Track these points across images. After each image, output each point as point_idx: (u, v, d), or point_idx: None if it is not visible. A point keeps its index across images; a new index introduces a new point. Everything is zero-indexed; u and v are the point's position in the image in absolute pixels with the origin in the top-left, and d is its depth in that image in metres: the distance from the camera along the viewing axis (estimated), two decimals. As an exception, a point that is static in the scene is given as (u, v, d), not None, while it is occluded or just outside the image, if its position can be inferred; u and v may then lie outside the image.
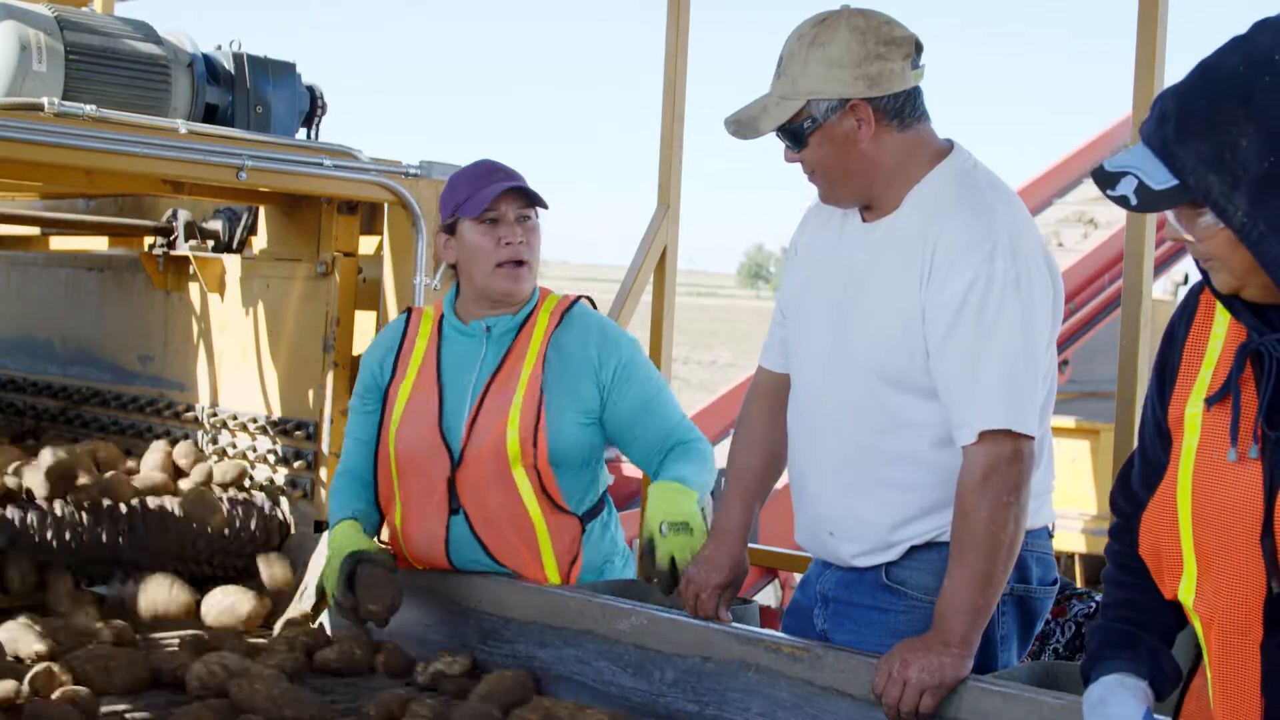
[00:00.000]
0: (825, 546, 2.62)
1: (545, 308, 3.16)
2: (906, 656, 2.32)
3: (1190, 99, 1.70)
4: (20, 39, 3.72)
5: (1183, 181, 1.69)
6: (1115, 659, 1.95)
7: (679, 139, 5.11)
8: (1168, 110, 1.71)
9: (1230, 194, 1.66)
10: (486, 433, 3.04)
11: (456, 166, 3.96)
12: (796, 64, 2.48)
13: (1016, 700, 2.26)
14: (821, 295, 2.60)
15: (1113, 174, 1.73)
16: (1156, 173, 1.70)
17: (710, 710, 2.64)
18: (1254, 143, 1.65)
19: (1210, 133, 1.67)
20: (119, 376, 4.65)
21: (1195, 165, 1.68)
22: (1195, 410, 1.83)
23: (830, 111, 2.46)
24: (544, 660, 2.94)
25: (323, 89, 4.31)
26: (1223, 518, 1.78)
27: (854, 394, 2.52)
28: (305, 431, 4.00)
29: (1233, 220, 1.67)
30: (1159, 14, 3.98)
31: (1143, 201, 1.72)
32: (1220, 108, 1.67)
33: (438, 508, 3.09)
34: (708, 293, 79.00)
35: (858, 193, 2.54)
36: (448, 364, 3.14)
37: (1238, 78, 1.67)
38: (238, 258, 4.34)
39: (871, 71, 2.45)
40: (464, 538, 3.08)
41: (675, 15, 5.04)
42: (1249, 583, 1.77)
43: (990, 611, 2.37)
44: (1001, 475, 2.36)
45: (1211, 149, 1.67)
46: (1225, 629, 1.81)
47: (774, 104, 2.50)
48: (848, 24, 2.46)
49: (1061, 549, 7.63)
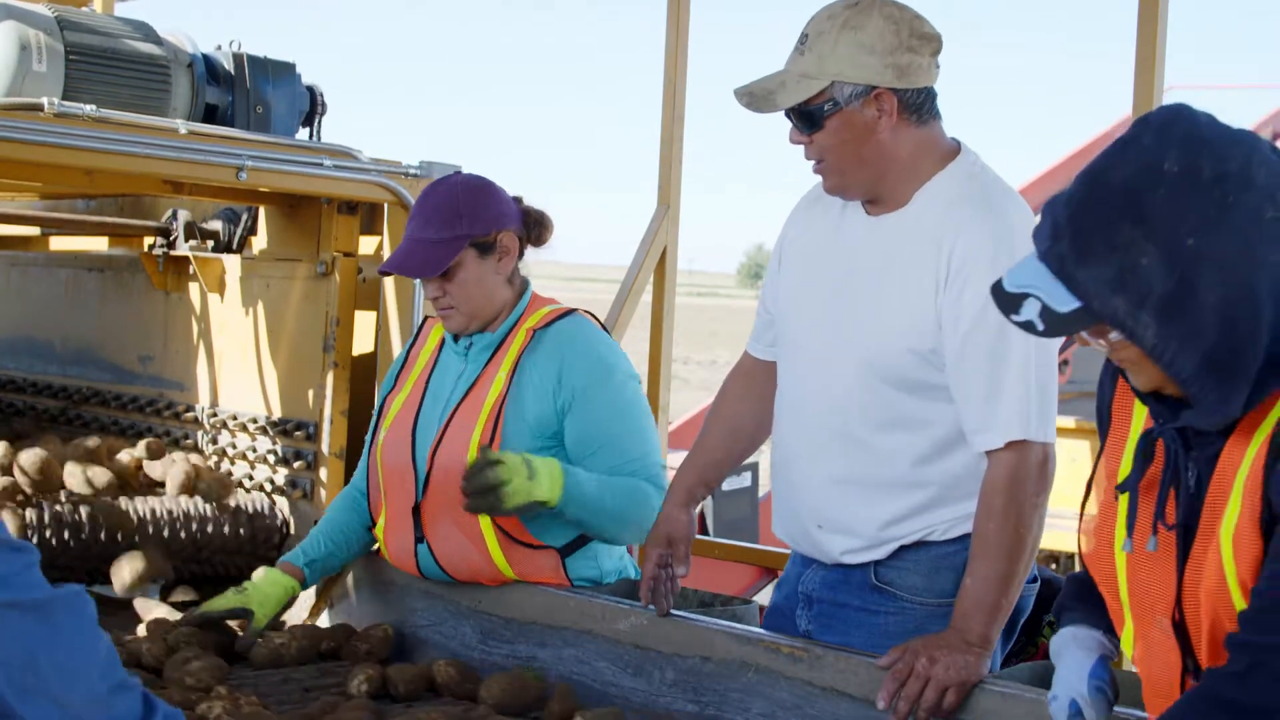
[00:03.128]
0: (811, 540, 2.60)
1: (526, 324, 3.04)
2: (933, 653, 2.30)
3: (1083, 218, 1.67)
4: (20, 39, 3.71)
5: (1087, 305, 1.67)
6: (1074, 610, 2.01)
7: (679, 139, 5.11)
8: (1060, 227, 1.68)
9: (1137, 314, 1.65)
10: (446, 459, 2.98)
11: (457, 167, 3.97)
12: (825, 43, 2.43)
13: (1016, 700, 2.26)
14: (819, 286, 2.59)
15: (1014, 296, 1.70)
16: (1058, 295, 1.68)
17: (710, 710, 2.64)
18: (1155, 262, 1.63)
19: (1110, 256, 1.65)
20: (119, 376, 4.64)
21: (1098, 289, 1.66)
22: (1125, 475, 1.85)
23: (854, 97, 2.43)
24: (544, 660, 2.94)
25: (323, 89, 4.30)
26: (1146, 591, 1.82)
27: (852, 388, 2.51)
28: (305, 432, 4.00)
29: (1143, 342, 1.66)
30: (1159, 14, 3.98)
31: (1049, 326, 1.69)
32: (1116, 229, 1.64)
33: (407, 531, 3.08)
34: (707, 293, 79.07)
35: (866, 184, 2.51)
36: (435, 380, 3.12)
37: (1130, 195, 1.65)
38: (238, 258, 4.33)
39: (901, 62, 2.42)
40: (430, 565, 3.08)
41: (675, 15, 5.04)
42: (1170, 656, 1.82)
43: (1009, 611, 2.39)
44: (1032, 479, 2.38)
45: (1113, 272, 1.64)
46: (1154, 692, 1.88)
47: (794, 80, 2.44)
48: (881, 11, 2.43)
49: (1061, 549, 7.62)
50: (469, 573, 3.06)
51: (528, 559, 3.01)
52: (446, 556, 3.05)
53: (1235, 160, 1.64)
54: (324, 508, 3.91)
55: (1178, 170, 1.64)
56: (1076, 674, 1.96)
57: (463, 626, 3.12)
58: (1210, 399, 1.67)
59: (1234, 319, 1.63)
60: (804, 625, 2.64)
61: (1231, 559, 1.70)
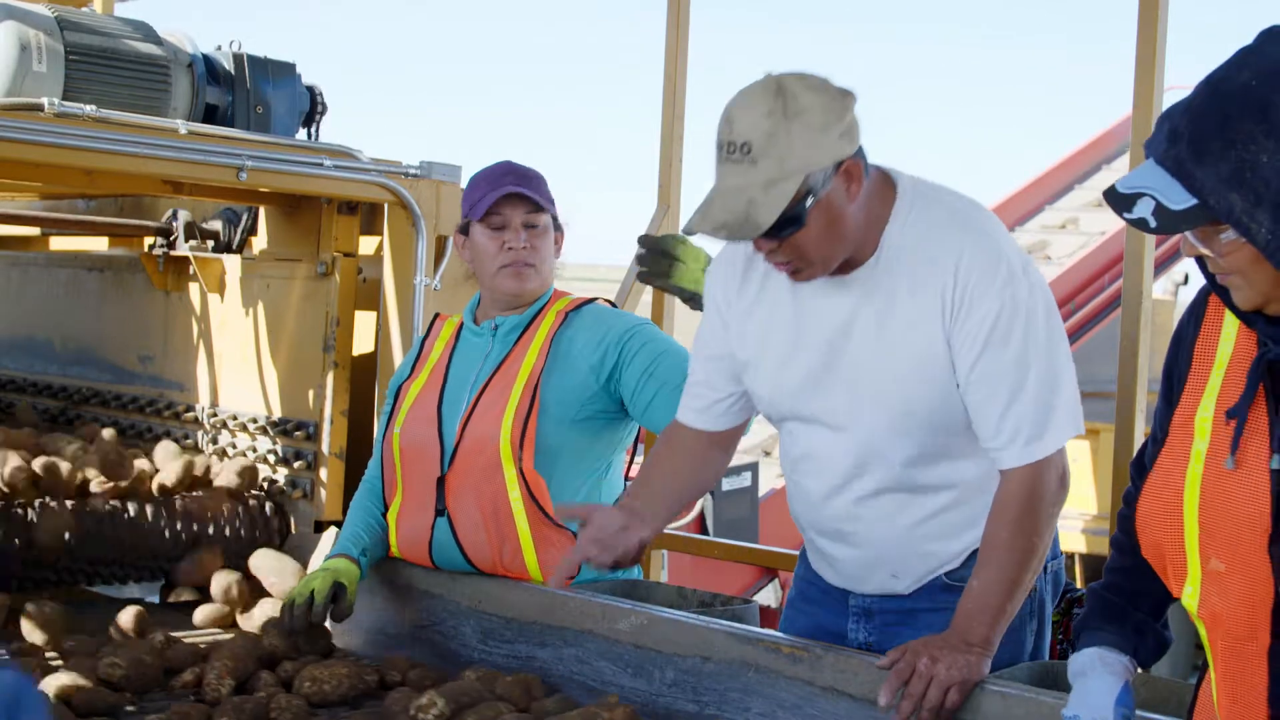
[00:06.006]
0: (881, 583, 2.59)
1: (555, 307, 3.15)
2: (934, 653, 2.30)
3: (1203, 117, 1.67)
4: (20, 39, 3.72)
5: (1203, 201, 1.66)
6: (1101, 630, 1.99)
7: (679, 139, 5.10)
8: (1179, 129, 1.68)
9: (1254, 212, 1.64)
10: (479, 430, 3.04)
11: (456, 167, 3.98)
12: (778, 142, 2.28)
13: (1016, 700, 2.26)
14: (804, 360, 2.50)
15: (1128, 196, 1.70)
16: (1174, 193, 1.68)
17: (710, 710, 2.64)
18: (1275, 159, 1.63)
19: (1228, 151, 1.64)
20: (119, 376, 4.65)
21: (1215, 185, 1.65)
22: (1206, 415, 1.82)
23: (827, 180, 2.32)
24: (544, 660, 2.94)
25: (323, 89, 4.31)
26: (1231, 524, 1.78)
27: (887, 435, 2.46)
28: (305, 432, 4.00)
29: (1258, 238, 1.65)
30: (1159, 14, 3.98)
31: (1162, 223, 1.68)
32: (1237, 125, 1.65)
33: (426, 507, 3.10)
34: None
35: (842, 258, 2.42)
36: (456, 363, 3.17)
37: (1251, 93, 1.65)
38: (238, 258, 4.34)
39: (847, 125, 2.33)
40: (446, 541, 3.09)
41: (675, 15, 5.04)
42: (1256, 589, 1.77)
43: (1013, 615, 2.38)
44: (1050, 491, 2.38)
45: (1231, 168, 1.64)
46: (1231, 635, 1.81)
47: (762, 194, 2.28)
48: (805, 86, 2.31)
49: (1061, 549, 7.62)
50: (485, 546, 3.06)
51: (546, 538, 3.03)
52: (465, 529, 3.06)
53: None
54: (324, 508, 3.92)
55: None
56: (1101, 698, 1.95)
57: (463, 626, 3.12)
58: None
59: None
60: (862, 638, 2.61)
61: None
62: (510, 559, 3.06)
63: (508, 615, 3.04)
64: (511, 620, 3.03)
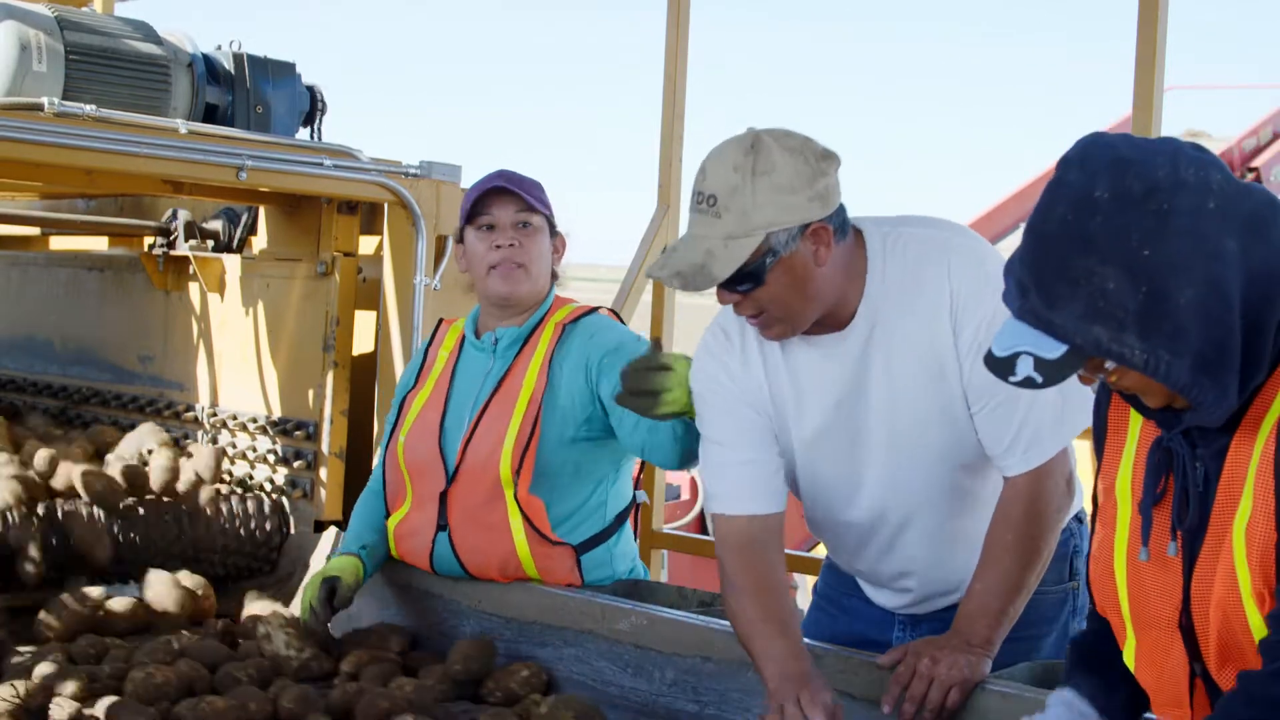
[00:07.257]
0: (931, 601, 2.60)
1: (554, 319, 3.10)
2: (935, 654, 2.31)
3: (1040, 265, 1.69)
4: (20, 39, 3.72)
5: (1072, 344, 1.69)
6: (1083, 680, 2.02)
7: (679, 139, 5.10)
8: (1024, 282, 1.71)
9: (1120, 338, 1.66)
10: (480, 451, 3.01)
11: (456, 166, 3.98)
12: (743, 198, 2.26)
13: (1016, 700, 2.26)
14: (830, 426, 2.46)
15: (1007, 359, 1.72)
16: (1044, 344, 1.70)
17: (710, 710, 2.64)
18: (1119, 283, 1.65)
19: (1075, 290, 1.67)
20: (119, 376, 4.65)
21: (1076, 325, 1.67)
22: (1124, 486, 1.87)
23: (790, 240, 2.28)
24: (544, 660, 2.94)
25: (323, 89, 4.31)
26: (1148, 608, 1.83)
27: (931, 477, 2.46)
28: (305, 431, 4.00)
29: (1134, 361, 1.68)
30: (1159, 14, 3.98)
31: (1048, 376, 1.71)
32: (1072, 263, 1.67)
33: (428, 520, 3.09)
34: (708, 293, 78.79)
35: (812, 318, 2.39)
36: (459, 378, 3.14)
37: (1070, 230, 1.67)
38: (238, 258, 4.34)
39: (820, 189, 2.30)
40: (447, 555, 3.08)
41: (675, 15, 5.04)
42: (1178, 660, 1.83)
43: (1015, 617, 2.38)
44: (1057, 494, 2.38)
45: (1083, 305, 1.66)
46: (1164, 700, 1.88)
47: (720, 246, 2.27)
48: (781, 146, 2.29)
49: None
50: (486, 565, 3.06)
51: (547, 555, 3.02)
52: (467, 548, 3.06)
53: (1161, 168, 1.67)
54: (324, 508, 3.92)
55: (1109, 195, 1.66)
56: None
57: (463, 626, 3.12)
58: (1210, 397, 1.69)
59: (1210, 313, 1.65)
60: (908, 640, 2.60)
61: (1244, 555, 1.71)
62: (511, 576, 3.06)
63: (508, 615, 3.04)
64: (512, 620, 3.03)
